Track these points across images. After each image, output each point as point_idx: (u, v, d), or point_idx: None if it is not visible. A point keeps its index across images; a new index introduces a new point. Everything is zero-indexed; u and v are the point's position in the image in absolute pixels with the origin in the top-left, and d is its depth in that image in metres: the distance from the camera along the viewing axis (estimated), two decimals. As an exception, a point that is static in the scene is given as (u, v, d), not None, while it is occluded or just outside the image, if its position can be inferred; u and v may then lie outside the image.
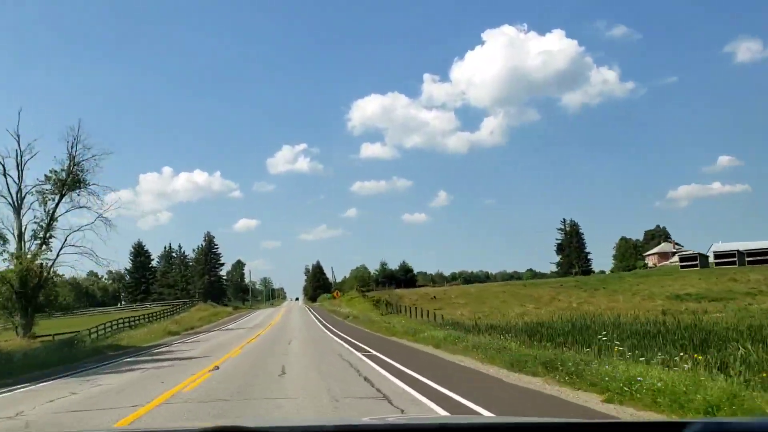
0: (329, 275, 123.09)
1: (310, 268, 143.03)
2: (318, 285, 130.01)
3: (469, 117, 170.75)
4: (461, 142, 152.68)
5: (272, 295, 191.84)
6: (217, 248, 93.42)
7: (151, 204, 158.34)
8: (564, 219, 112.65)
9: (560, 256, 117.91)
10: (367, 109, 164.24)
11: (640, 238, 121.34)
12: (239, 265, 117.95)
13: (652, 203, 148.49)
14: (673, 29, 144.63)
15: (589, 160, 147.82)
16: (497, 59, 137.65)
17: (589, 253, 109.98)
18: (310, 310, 73.24)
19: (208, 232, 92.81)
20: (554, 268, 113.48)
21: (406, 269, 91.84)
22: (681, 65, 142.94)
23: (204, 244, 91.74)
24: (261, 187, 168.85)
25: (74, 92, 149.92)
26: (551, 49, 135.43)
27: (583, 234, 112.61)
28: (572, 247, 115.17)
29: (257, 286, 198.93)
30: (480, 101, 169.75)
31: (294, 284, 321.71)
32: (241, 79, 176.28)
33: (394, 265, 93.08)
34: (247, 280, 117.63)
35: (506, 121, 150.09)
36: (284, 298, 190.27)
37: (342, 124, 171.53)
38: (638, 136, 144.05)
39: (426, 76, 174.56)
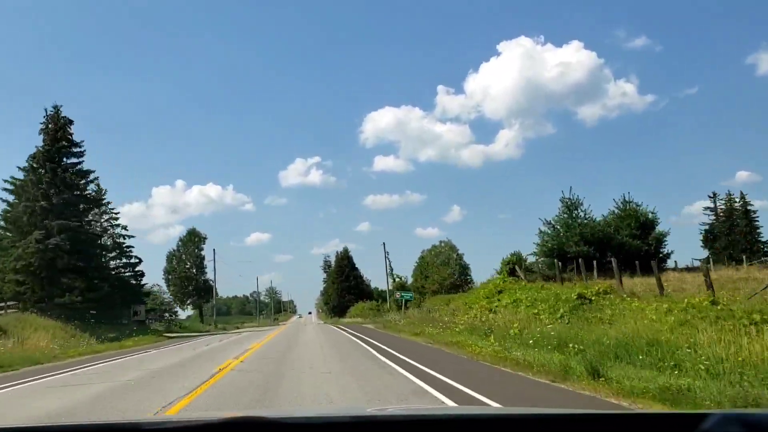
0: (366, 274, 67.80)
1: (332, 260, 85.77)
2: (347, 287, 75.02)
3: (483, 129, 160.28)
4: (475, 155, 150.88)
5: (280, 309, 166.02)
6: (79, 152, 33.66)
7: (163, 217, 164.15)
8: (714, 193, 62.44)
9: (710, 249, 60.47)
10: (380, 121, 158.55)
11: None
12: (193, 240, 59.10)
13: (668, 217, 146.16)
14: (694, 40, 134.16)
15: (605, 173, 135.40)
16: (513, 71, 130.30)
17: (768, 242, 57.18)
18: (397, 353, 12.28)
19: (55, 108, 32.71)
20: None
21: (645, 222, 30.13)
22: (701, 77, 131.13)
23: (44, 139, 31.59)
24: (273, 200, 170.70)
25: (87, 103, 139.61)
26: (569, 60, 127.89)
27: (756, 213, 59.52)
28: (737, 233, 60.26)
29: (263, 298, 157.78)
30: (495, 113, 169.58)
31: (306, 298, 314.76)
32: (254, 92, 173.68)
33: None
34: (210, 274, 59.00)
35: (522, 134, 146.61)
36: (294, 312, 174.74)
37: (355, 137, 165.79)
38: (656, 149, 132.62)
39: (440, 88, 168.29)
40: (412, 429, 2.04)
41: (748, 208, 63.75)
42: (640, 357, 9.94)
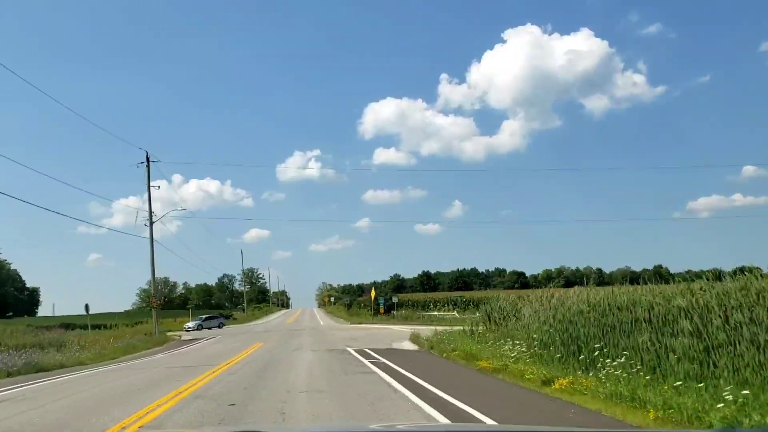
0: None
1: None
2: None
3: (487, 120, 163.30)
4: (479, 147, 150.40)
5: (262, 299, 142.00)
6: None
7: (159, 212, 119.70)
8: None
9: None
10: (381, 112, 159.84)
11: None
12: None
13: (671, 213, 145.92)
14: (707, 27, 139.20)
15: (611, 166, 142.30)
16: (519, 59, 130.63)
17: None
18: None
19: None
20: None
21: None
22: (713, 66, 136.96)
23: None
24: (271, 195, 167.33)
25: (85, 100, 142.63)
26: (578, 48, 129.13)
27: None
28: None
29: (238, 286, 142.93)
30: (500, 103, 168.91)
31: (304, 294, 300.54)
32: (252, 84, 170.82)
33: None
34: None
35: (527, 124, 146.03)
36: (287, 306, 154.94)
37: (354, 129, 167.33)
38: (664, 141, 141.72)
39: (443, 77, 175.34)
40: None
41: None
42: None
